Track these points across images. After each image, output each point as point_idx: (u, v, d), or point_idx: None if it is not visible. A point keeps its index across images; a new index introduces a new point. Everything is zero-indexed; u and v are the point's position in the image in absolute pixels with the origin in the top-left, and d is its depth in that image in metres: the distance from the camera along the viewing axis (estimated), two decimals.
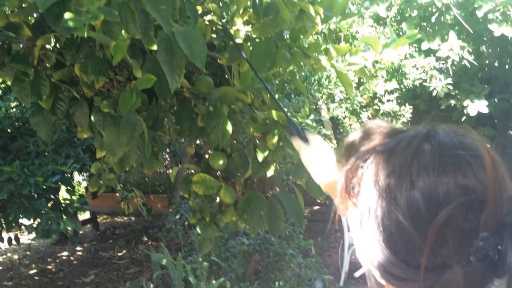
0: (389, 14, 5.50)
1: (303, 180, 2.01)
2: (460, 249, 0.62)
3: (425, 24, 5.60)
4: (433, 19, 5.39)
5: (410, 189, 0.65)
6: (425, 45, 5.28)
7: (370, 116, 5.42)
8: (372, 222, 0.70)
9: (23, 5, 1.53)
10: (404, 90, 5.41)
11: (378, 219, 0.69)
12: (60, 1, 0.90)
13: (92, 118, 1.84)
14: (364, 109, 5.32)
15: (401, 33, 5.50)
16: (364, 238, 0.72)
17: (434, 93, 5.41)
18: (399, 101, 5.41)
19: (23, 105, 3.82)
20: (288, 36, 1.91)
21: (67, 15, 0.95)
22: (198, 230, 2.07)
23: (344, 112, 5.19)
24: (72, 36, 1.30)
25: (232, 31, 1.98)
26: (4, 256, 7.69)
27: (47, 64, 1.85)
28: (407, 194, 0.66)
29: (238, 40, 1.93)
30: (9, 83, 1.78)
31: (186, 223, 5.68)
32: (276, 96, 2.17)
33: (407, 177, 0.66)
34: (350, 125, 5.23)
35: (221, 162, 1.95)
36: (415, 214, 0.64)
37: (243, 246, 4.57)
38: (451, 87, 5.40)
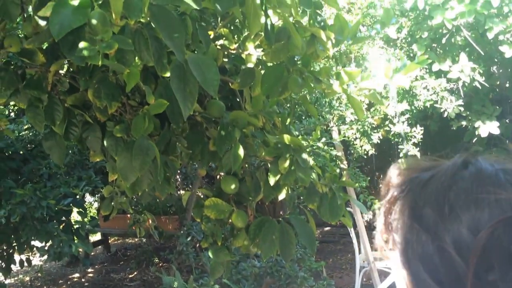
0: (400, 36, 5.51)
1: (315, 204, 2.00)
2: (508, 274, 0.58)
3: (435, 45, 5.60)
4: (443, 41, 5.39)
5: (449, 214, 0.63)
6: (435, 67, 5.27)
7: (381, 137, 5.41)
8: (412, 253, 0.67)
9: (37, 32, 1.55)
10: (415, 111, 5.39)
11: (418, 249, 0.66)
12: (74, 30, 0.91)
13: (105, 143, 1.86)
14: (375, 130, 5.30)
15: (411, 55, 5.50)
16: (406, 271, 0.70)
17: (445, 114, 5.39)
18: (410, 122, 5.39)
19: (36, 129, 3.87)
20: (299, 61, 1.92)
21: (82, 44, 0.97)
22: (210, 254, 2.06)
23: (355, 134, 5.18)
24: (85, 63, 1.31)
25: (243, 55, 1.99)
26: (16, 278, 7.69)
27: (60, 89, 1.87)
28: (446, 220, 0.63)
29: (250, 65, 1.95)
30: (22, 106, 1.79)
31: (197, 245, 5.66)
32: (288, 120, 2.17)
33: (445, 202, 0.64)
34: (361, 146, 5.22)
35: (233, 186, 1.95)
36: (457, 239, 0.62)
37: (255, 268, 4.54)
38: (462, 108, 5.37)
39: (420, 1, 5.01)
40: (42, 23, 1.36)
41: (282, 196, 2.02)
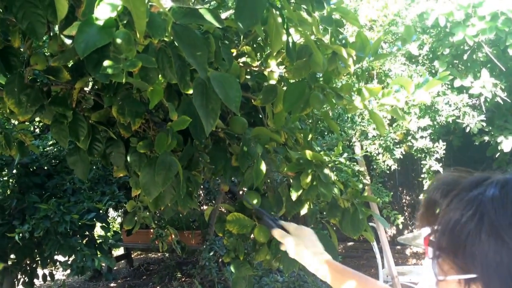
0: (421, 52, 5.51)
1: (337, 218, 2.00)
2: None
3: (457, 61, 5.60)
4: (465, 57, 5.38)
5: None
6: (457, 83, 5.27)
7: (404, 152, 5.37)
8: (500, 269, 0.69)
9: (63, 50, 1.58)
10: (437, 126, 5.36)
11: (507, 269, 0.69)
12: (99, 49, 0.93)
13: (129, 159, 1.88)
14: (398, 146, 5.27)
15: (433, 71, 5.49)
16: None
17: (468, 130, 5.35)
18: (432, 137, 5.35)
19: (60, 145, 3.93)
20: (321, 77, 1.93)
21: (106, 62, 0.99)
22: (232, 268, 2.06)
23: (377, 149, 5.15)
24: (110, 80, 1.34)
25: (266, 72, 2.01)
26: None
27: (84, 106, 1.91)
28: None
29: (272, 81, 1.96)
30: (47, 122, 1.83)
31: (220, 260, 5.65)
32: (310, 136, 2.18)
33: None
34: (384, 162, 5.18)
35: (255, 201, 1.96)
36: None
37: (277, 283, 4.52)
38: (484, 124, 5.34)
39: (441, 18, 5.02)
40: (68, 41, 1.39)
41: (304, 211, 2.02)
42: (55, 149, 4.78)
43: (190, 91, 1.27)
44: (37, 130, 4.95)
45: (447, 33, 5.29)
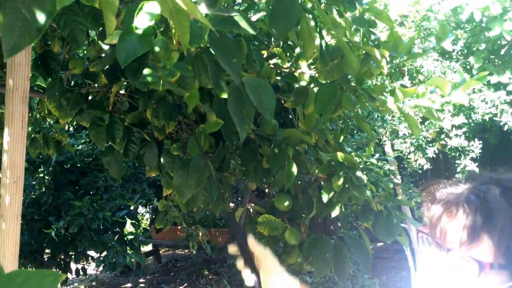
0: (455, 48, 5.39)
1: (370, 222, 1.98)
2: None
3: (493, 57, 5.45)
4: (502, 52, 5.23)
5: None
6: (494, 79, 5.13)
7: (436, 151, 5.27)
8: None
9: (100, 55, 1.62)
10: (472, 124, 5.24)
11: None
12: (138, 57, 0.95)
13: (162, 160, 1.91)
14: (430, 144, 5.19)
15: (468, 67, 5.37)
16: None
17: (505, 128, 5.21)
18: (467, 135, 5.23)
19: (94, 144, 4.01)
20: (353, 78, 1.92)
21: (146, 71, 1.01)
22: None
23: (409, 148, 5.08)
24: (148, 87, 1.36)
25: (296, 74, 2.00)
26: (72, 286, 7.91)
27: (119, 108, 1.94)
28: None
29: (303, 83, 1.95)
30: (85, 125, 1.87)
31: None
32: (341, 137, 2.17)
33: None
34: (416, 161, 5.11)
35: (286, 203, 1.96)
36: None
37: (306, 285, 4.50)
38: None
39: (476, 12, 4.90)
40: (105, 47, 1.42)
41: (335, 213, 2.01)
42: (88, 147, 4.87)
43: (225, 95, 1.28)
44: (71, 129, 5.04)
45: (483, 27, 5.15)
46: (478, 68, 5.10)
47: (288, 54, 2.13)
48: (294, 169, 1.83)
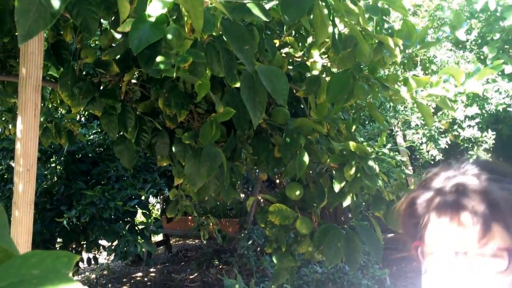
0: (469, 38, 5.33)
1: (381, 212, 1.98)
2: None
3: (508, 47, 5.39)
4: None
5: None
6: (508, 69, 5.07)
7: (449, 142, 5.24)
8: None
9: (112, 44, 1.62)
10: (486, 115, 5.19)
11: None
12: (151, 45, 0.95)
13: (173, 149, 1.91)
14: (443, 135, 5.15)
15: (482, 57, 5.31)
16: None
17: None
18: (480, 126, 5.19)
19: (106, 133, 4.02)
20: (365, 67, 1.90)
21: (159, 58, 1.00)
22: (274, 259, 2.08)
23: (421, 138, 5.05)
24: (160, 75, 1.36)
25: (308, 63, 1.99)
26: (83, 275, 7.98)
27: (131, 97, 1.95)
28: None
29: (315, 72, 1.94)
30: (97, 114, 1.88)
31: (258, 249, 5.68)
32: (353, 127, 2.16)
33: None
34: (428, 152, 5.08)
35: (297, 192, 1.96)
36: None
37: (316, 274, 4.51)
38: None
39: (491, 2, 4.83)
40: (118, 36, 1.42)
41: (347, 202, 2.00)
42: (100, 137, 4.89)
43: (237, 84, 1.28)
44: (83, 119, 5.07)
45: (498, 17, 5.09)
46: (492, 58, 5.05)
47: (300, 43, 2.12)
48: (306, 158, 1.82)
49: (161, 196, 7.61)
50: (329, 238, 1.87)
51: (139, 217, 5.59)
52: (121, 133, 1.93)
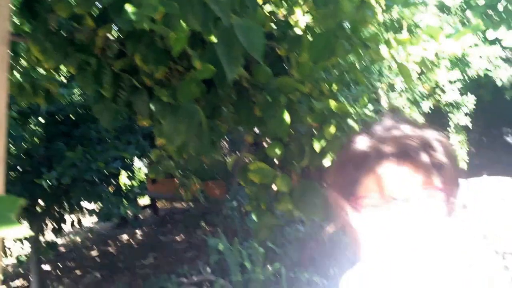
0: (455, 3, 5.31)
1: None
2: None
3: (491, 12, 5.37)
4: (500, 7, 5.16)
5: None
6: (490, 34, 5.07)
7: (432, 106, 5.26)
8: None
9: None
10: (467, 80, 5.21)
11: None
12: None
13: (152, 107, 1.88)
14: (425, 99, 5.17)
15: (466, 22, 5.30)
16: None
17: (499, 83, 5.19)
18: (462, 91, 5.22)
19: (86, 93, 3.97)
20: (348, 27, 1.88)
21: (129, 8, 0.97)
22: (254, 217, 2.09)
23: (405, 102, 5.07)
24: (133, 28, 1.33)
25: (291, 21, 1.96)
26: (67, 238, 8.02)
27: (109, 54, 1.91)
28: None
29: (298, 31, 1.92)
30: (72, 70, 1.84)
31: (243, 209, 5.73)
32: (335, 86, 2.15)
33: None
34: (410, 115, 5.10)
35: (278, 151, 1.95)
36: None
37: (299, 233, 4.57)
38: None
39: None
40: None
41: (327, 162, 2.00)
42: (81, 99, 4.83)
43: (213, 38, 1.25)
44: (63, 79, 4.98)
45: None
46: (476, 26, 5.04)
47: (283, 1, 2.08)
48: (287, 117, 1.81)
49: (148, 161, 7.61)
50: (307, 195, 1.88)
51: (125, 181, 5.59)
52: (100, 92, 1.89)
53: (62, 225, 5.41)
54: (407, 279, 0.84)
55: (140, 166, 8.45)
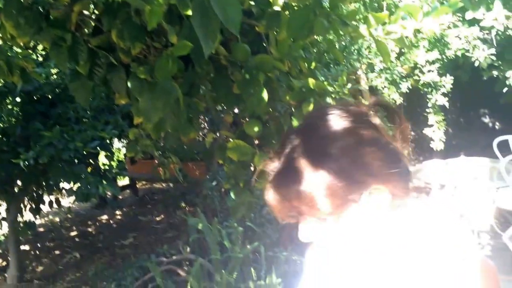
0: None
1: None
2: None
3: None
4: None
5: None
6: (469, 15, 5.10)
7: (410, 87, 5.30)
8: None
9: None
10: (445, 60, 5.25)
11: None
12: None
13: (129, 84, 1.86)
14: (404, 80, 5.21)
15: (445, 2, 5.32)
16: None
17: (477, 64, 5.24)
18: (440, 71, 5.26)
19: (63, 71, 3.89)
20: (327, 4, 1.87)
21: None
22: (232, 195, 2.09)
23: (383, 82, 5.10)
24: (109, 2, 1.30)
25: None
26: (46, 219, 7.95)
27: (85, 30, 1.87)
28: None
29: (276, 8, 1.90)
30: (46, 46, 1.81)
31: (223, 189, 5.74)
32: (313, 64, 2.14)
33: None
34: (389, 95, 5.14)
35: (256, 129, 1.96)
36: None
37: None
38: (494, 58, 5.22)
39: None
40: None
41: None
42: (59, 78, 4.74)
43: (190, 12, 1.23)
44: (40, 58, 4.89)
45: None
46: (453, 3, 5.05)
47: None
48: (265, 94, 1.81)
49: (126, 140, 7.55)
50: None
51: (104, 160, 5.54)
52: (76, 70, 1.86)
53: (41, 205, 5.37)
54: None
55: (119, 146, 8.40)
